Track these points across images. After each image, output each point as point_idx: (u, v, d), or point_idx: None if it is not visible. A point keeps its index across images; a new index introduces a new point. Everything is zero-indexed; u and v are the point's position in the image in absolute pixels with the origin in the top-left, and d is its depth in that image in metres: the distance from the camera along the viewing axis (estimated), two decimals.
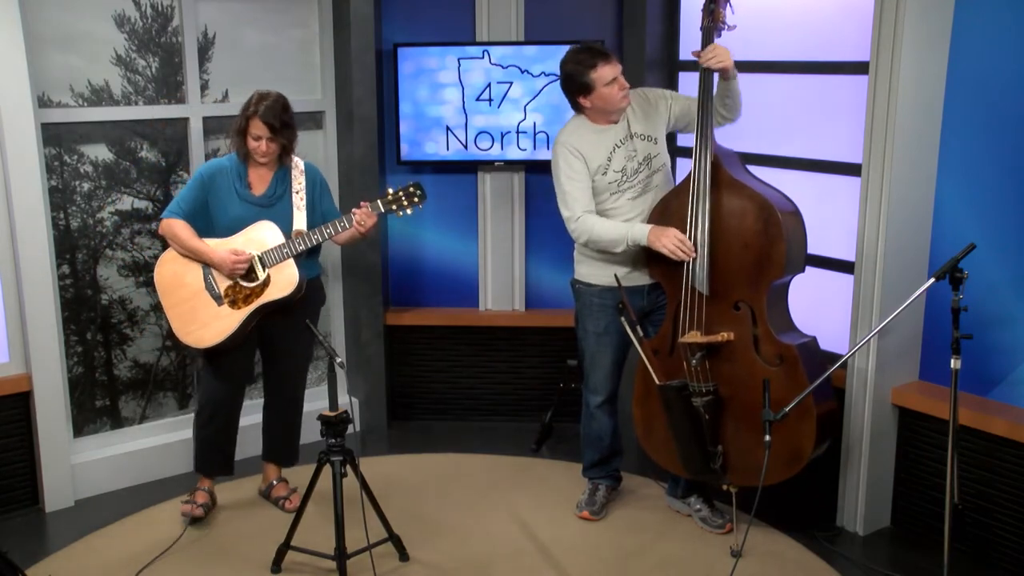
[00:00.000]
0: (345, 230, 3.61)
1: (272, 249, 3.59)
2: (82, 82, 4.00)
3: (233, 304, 3.61)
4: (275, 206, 3.66)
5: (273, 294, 3.61)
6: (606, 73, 3.43)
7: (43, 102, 3.92)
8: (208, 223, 3.65)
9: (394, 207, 3.63)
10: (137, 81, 4.12)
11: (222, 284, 3.61)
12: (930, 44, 3.44)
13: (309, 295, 3.70)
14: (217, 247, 3.59)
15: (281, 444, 4.00)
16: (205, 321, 3.61)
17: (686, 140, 4.25)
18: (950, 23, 3.47)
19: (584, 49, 3.50)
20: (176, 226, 3.61)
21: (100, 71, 4.03)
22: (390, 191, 3.65)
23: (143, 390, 4.33)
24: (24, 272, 3.82)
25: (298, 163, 3.70)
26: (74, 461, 4.08)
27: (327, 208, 3.78)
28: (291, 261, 3.60)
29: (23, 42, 3.69)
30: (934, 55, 3.47)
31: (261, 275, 3.60)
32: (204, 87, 4.27)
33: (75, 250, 4.08)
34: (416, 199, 3.64)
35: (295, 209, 3.66)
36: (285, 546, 3.45)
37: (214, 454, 3.85)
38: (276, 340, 3.79)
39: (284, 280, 3.61)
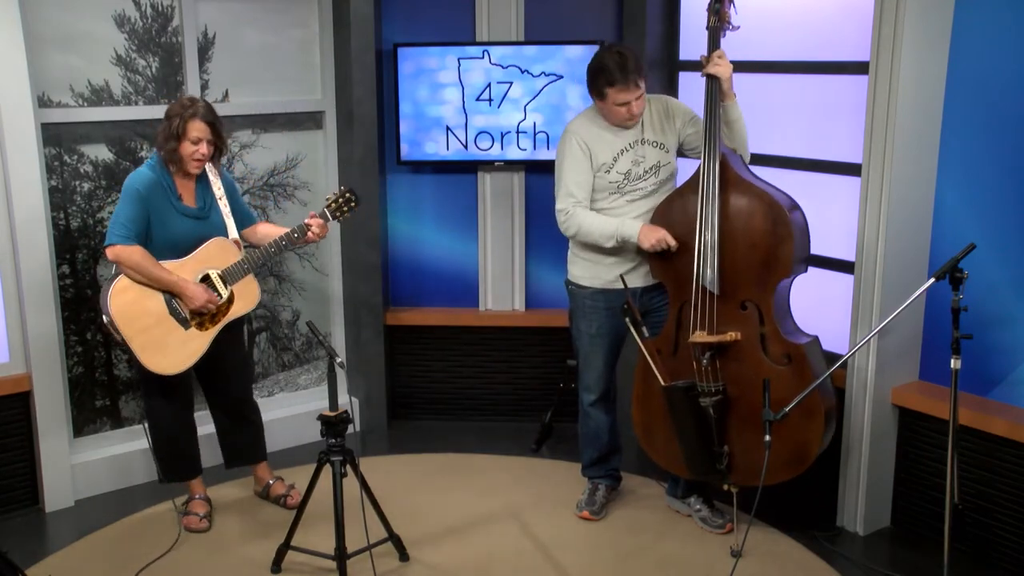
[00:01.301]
0: (299, 240, 3.62)
1: (233, 266, 3.58)
2: (82, 82, 4.00)
3: (201, 326, 3.56)
4: (210, 217, 3.62)
5: (239, 310, 3.63)
6: (619, 96, 3.42)
7: (43, 102, 3.92)
8: (147, 240, 3.49)
9: (338, 214, 3.68)
10: (137, 81, 4.12)
11: (187, 307, 3.53)
12: (930, 44, 3.44)
13: None
14: (179, 271, 3.50)
15: (251, 443, 3.98)
16: (175, 348, 3.52)
17: None
18: (950, 23, 3.47)
19: (617, 58, 3.40)
20: (136, 254, 3.42)
21: (100, 71, 4.03)
22: (329, 199, 3.68)
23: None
24: (24, 272, 3.82)
25: (211, 167, 3.65)
26: (74, 461, 4.08)
27: (244, 211, 3.80)
28: (252, 275, 3.62)
29: (23, 42, 3.69)
30: (934, 55, 3.47)
31: (224, 293, 3.58)
32: (204, 87, 4.27)
33: (75, 250, 4.08)
34: (353, 203, 3.69)
35: (226, 217, 3.64)
36: (285, 546, 3.45)
37: (183, 460, 3.83)
38: (214, 352, 3.64)
39: (248, 295, 3.64)
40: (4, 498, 3.95)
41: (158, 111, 4.14)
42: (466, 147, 4.62)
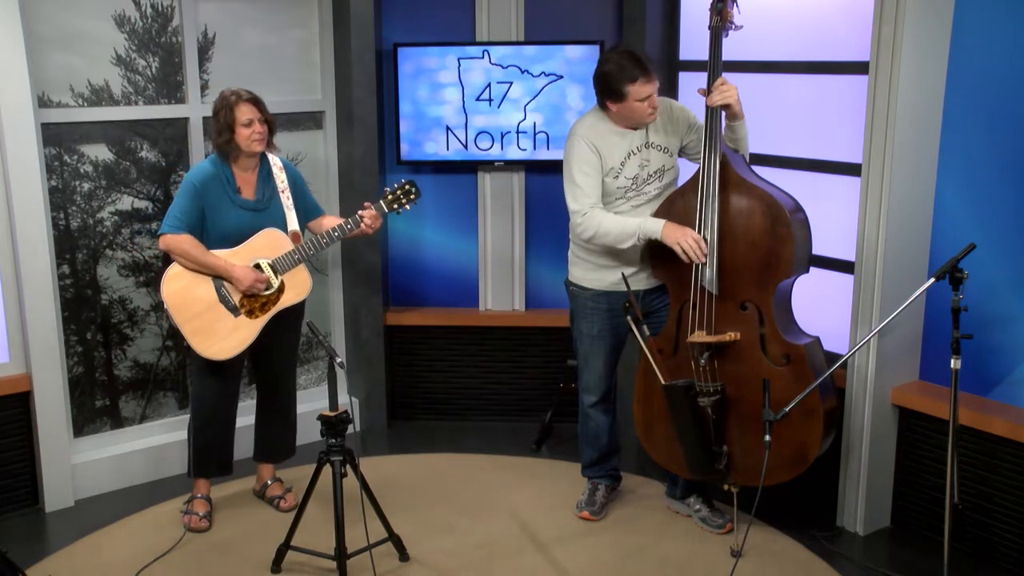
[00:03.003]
0: (352, 231, 3.65)
1: (284, 255, 3.61)
2: (82, 82, 4.00)
3: (250, 314, 3.60)
4: (269, 209, 3.65)
5: (289, 299, 3.65)
6: (643, 91, 3.37)
7: (43, 102, 3.92)
8: (202, 232, 3.59)
9: (395, 206, 3.73)
10: (137, 81, 4.12)
11: (236, 295, 3.58)
12: (930, 44, 3.44)
13: None
14: (230, 259, 3.56)
15: (283, 440, 4.01)
16: (224, 334, 3.58)
17: None
18: (950, 23, 3.47)
19: (630, 56, 3.38)
20: (185, 242, 3.52)
21: (100, 71, 4.03)
22: (388, 191, 3.74)
23: (143, 390, 4.32)
24: (24, 272, 3.82)
25: (276, 160, 3.70)
26: (74, 461, 4.08)
27: (310, 203, 3.83)
28: (303, 265, 3.64)
29: (23, 42, 3.69)
30: (934, 55, 3.47)
31: (275, 282, 3.61)
32: (204, 87, 4.27)
33: (75, 250, 4.08)
34: (413, 195, 3.74)
35: (286, 210, 3.67)
36: (285, 546, 3.45)
37: (213, 456, 3.83)
38: (269, 338, 3.72)
39: (299, 284, 3.67)
40: (4, 498, 3.95)
41: (158, 111, 4.17)
42: (466, 147, 4.62)
